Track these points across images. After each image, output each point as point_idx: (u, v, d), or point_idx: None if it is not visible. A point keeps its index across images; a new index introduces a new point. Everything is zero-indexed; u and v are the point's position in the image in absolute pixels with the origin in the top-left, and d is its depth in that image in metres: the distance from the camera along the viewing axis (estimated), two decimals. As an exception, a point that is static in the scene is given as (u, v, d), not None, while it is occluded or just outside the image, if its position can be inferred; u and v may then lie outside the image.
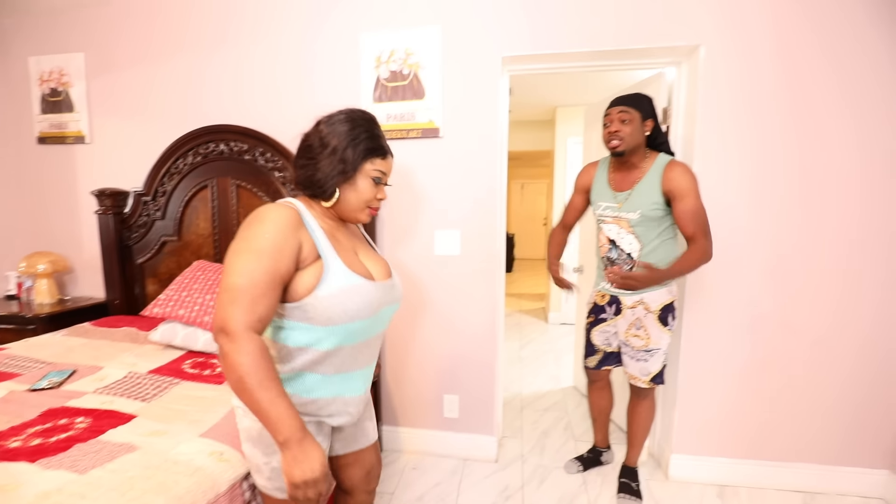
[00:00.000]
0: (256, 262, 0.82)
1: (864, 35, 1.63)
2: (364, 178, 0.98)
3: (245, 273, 0.81)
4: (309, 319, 0.90)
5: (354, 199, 0.99)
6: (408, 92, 1.90)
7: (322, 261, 0.91)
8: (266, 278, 0.82)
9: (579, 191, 1.85)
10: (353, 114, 1.00)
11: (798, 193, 1.74)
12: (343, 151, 0.95)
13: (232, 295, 0.80)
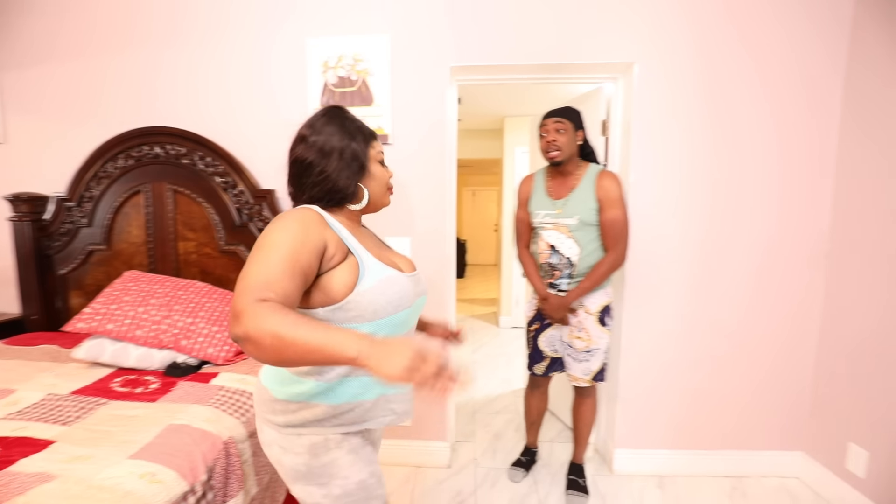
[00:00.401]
0: (273, 253, 0.76)
1: (783, 50, 1.81)
2: (374, 164, 0.97)
3: (259, 264, 0.74)
4: (353, 318, 0.86)
5: (376, 187, 0.98)
6: (356, 98, 1.89)
7: (353, 257, 0.88)
8: (283, 265, 0.75)
9: (522, 204, 1.89)
10: (329, 111, 0.96)
11: (720, 201, 1.90)
12: (349, 149, 0.91)
13: (243, 284, 0.72)
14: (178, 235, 2.01)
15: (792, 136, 1.85)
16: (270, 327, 0.65)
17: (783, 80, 1.83)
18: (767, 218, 1.89)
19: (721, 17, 1.80)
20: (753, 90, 1.83)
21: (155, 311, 1.71)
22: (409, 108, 1.91)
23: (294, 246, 0.77)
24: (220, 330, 1.72)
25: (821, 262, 1.90)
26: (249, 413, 1.38)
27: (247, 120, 1.98)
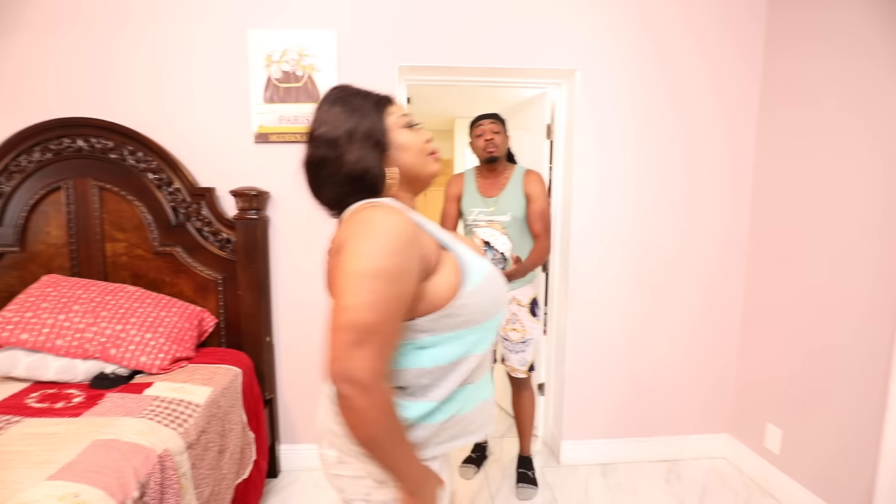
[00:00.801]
0: (389, 294, 0.63)
1: (703, 64, 1.96)
2: (397, 132, 0.80)
3: (374, 307, 0.62)
4: (462, 324, 0.73)
5: (409, 157, 0.80)
6: (302, 94, 1.84)
7: (450, 253, 0.76)
8: (396, 312, 0.65)
9: (452, 200, 1.98)
10: (330, 94, 0.82)
11: (654, 203, 2.02)
12: (359, 128, 0.76)
13: (361, 335, 0.62)
14: (106, 236, 1.86)
15: (711, 146, 2.01)
16: (380, 428, 0.65)
17: (703, 93, 1.98)
18: (696, 219, 2.04)
19: (649, 32, 1.92)
20: (678, 98, 1.97)
21: (78, 318, 1.57)
22: (358, 107, 1.89)
23: (402, 277, 0.65)
24: (155, 337, 1.62)
25: (742, 260, 2.08)
26: (189, 423, 1.30)
27: (184, 114, 1.87)
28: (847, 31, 1.58)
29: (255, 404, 1.77)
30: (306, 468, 2.05)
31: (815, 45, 1.71)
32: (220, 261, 1.88)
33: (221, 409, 1.49)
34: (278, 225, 1.94)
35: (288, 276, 1.96)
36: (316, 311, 1.97)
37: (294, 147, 1.89)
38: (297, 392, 2.03)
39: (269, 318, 1.96)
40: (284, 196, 1.92)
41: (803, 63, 1.76)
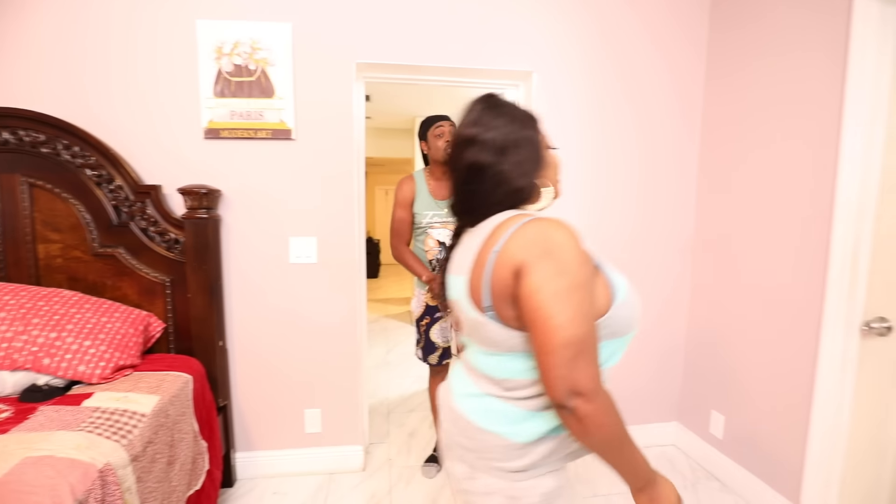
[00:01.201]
0: (587, 302, 0.66)
1: (653, 70, 2.05)
2: (545, 150, 0.82)
3: (581, 318, 0.65)
4: (607, 335, 0.74)
5: (553, 174, 0.85)
6: (255, 89, 1.77)
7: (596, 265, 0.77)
8: (594, 317, 0.68)
9: (405, 206, 1.93)
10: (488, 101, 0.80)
11: (608, 201, 2.10)
12: (530, 138, 0.78)
13: (577, 348, 0.64)
14: (38, 236, 1.72)
15: (667, 143, 2.11)
16: (610, 430, 0.67)
17: (659, 91, 2.07)
18: (652, 215, 2.13)
19: (605, 33, 1.99)
20: (634, 98, 2.05)
21: (5, 326, 1.45)
22: (314, 103, 1.84)
23: (591, 287, 0.69)
24: (95, 344, 1.51)
25: (688, 255, 2.19)
26: (133, 434, 1.23)
27: (127, 107, 1.76)
28: (789, 60, 1.70)
29: (207, 412, 1.70)
30: (264, 475, 1.99)
31: (754, 51, 1.83)
32: (167, 262, 1.78)
33: (170, 419, 1.42)
34: (231, 224, 1.86)
35: (242, 277, 1.89)
36: (272, 313, 1.92)
37: (247, 143, 1.82)
38: (254, 397, 1.96)
39: (222, 322, 1.88)
40: (237, 194, 1.85)
41: (742, 71, 1.88)
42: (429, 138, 1.90)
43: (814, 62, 1.56)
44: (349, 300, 1.97)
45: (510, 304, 0.71)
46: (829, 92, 1.50)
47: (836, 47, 1.48)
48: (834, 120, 1.48)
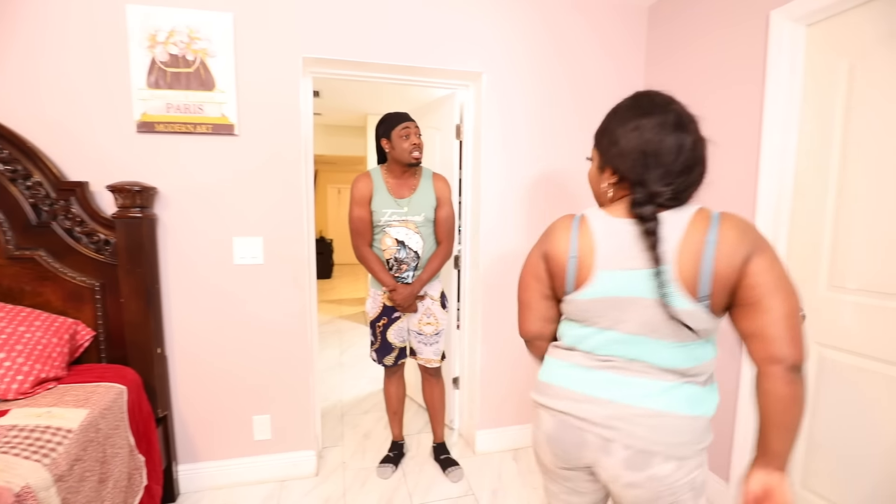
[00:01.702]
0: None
1: (596, 61, 2.13)
2: None
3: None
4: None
5: None
6: (193, 81, 1.68)
7: None
8: None
9: (363, 203, 1.86)
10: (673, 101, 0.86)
11: (557, 199, 2.17)
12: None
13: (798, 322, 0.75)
14: (-61, 239, 1.54)
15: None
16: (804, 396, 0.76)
17: (607, 92, 2.16)
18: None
19: (554, 35, 2.05)
20: (582, 99, 2.13)
21: None
22: (259, 98, 1.77)
23: None
24: (10, 356, 1.38)
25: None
26: (57, 453, 1.13)
27: (49, 97, 1.61)
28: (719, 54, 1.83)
29: (144, 424, 1.59)
30: (210, 487, 1.90)
31: (688, 45, 1.95)
32: (96, 265, 1.66)
33: (101, 433, 1.32)
34: (169, 224, 1.76)
35: (182, 280, 1.79)
36: (216, 317, 1.83)
37: (186, 139, 1.72)
38: (198, 406, 1.86)
39: (161, 328, 1.77)
40: (176, 192, 1.74)
41: (679, 63, 2.00)
42: (393, 138, 1.82)
43: (738, 75, 1.69)
44: (299, 301, 1.92)
45: (729, 291, 0.78)
46: (752, 102, 1.63)
47: (756, 62, 1.61)
48: (755, 125, 1.61)
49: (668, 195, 0.80)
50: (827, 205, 1.46)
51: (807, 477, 1.54)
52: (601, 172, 0.92)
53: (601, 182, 0.92)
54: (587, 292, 0.86)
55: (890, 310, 1.29)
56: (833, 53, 1.43)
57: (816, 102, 1.48)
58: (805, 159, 1.52)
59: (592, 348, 0.89)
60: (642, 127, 0.82)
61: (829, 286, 1.46)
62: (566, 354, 0.95)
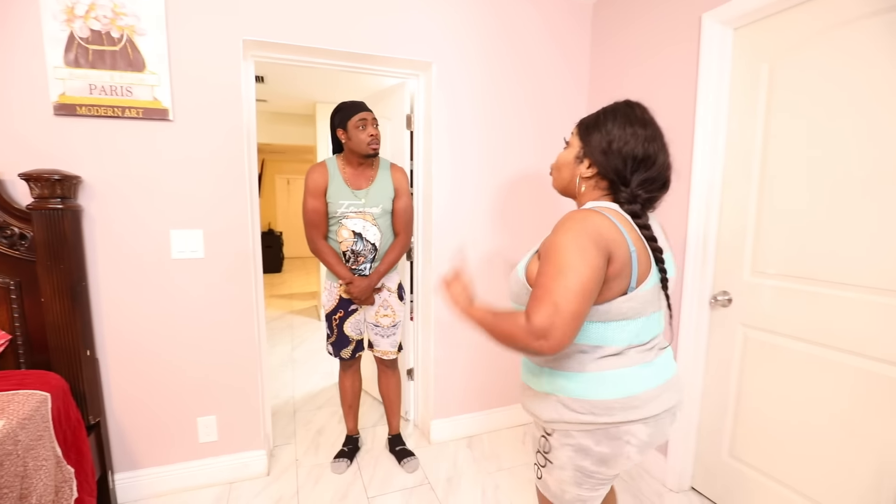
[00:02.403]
0: None
1: (545, 55, 2.17)
2: None
3: None
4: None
5: None
6: (120, 61, 1.55)
7: None
8: None
9: (318, 195, 1.80)
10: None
11: (504, 190, 2.21)
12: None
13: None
14: None
15: (559, 132, 2.27)
16: None
17: (557, 82, 2.21)
18: (546, 201, 2.28)
19: (500, 23, 2.07)
20: (531, 88, 2.17)
21: None
22: (196, 81, 1.67)
23: None
24: None
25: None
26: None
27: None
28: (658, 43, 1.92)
29: (73, 432, 1.47)
30: (151, 495, 1.79)
31: (628, 32, 2.03)
32: (11, 262, 1.50)
33: (21, 445, 1.21)
34: (97, 216, 1.62)
35: (114, 276, 1.66)
36: (154, 315, 1.72)
37: (114, 123, 1.59)
38: (135, 410, 1.75)
39: (90, 329, 1.64)
40: (103, 182, 1.61)
41: (622, 58, 2.08)
42: (349, 128, 1.76)
43: (674, 65, 1.78)
44: (244, 297, 1.84)
45: None
46: (687, 101, 1.73)
47: (691, 57, 1.70)
48: (688, 120, 1.71)
49: (643, 199, 0.91)
50: (750, 197, 1.58)
51: (734, 447, 1.68)
52: (578, 162, 0.96)
53: (575, 171, 0.97)
54: (648, 283, 0.90)
55: (804, 293, 1.43)
56: (756, 56, 1.54)
57: (741, 101, 1.59)
58: (732, 155, 1.63)
59: (642, 339, 0.93)
60: (638, 136, 0.89)
61: (753, 272, 1.58)
62: (628, 358, 0.92)
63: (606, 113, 0.95)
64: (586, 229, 0.83)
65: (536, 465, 1.04)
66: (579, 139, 0.97)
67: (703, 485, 1.81)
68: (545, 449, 0.99)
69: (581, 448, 0.93)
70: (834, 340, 1.36)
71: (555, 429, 0.96)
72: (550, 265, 0.81)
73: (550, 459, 0.98)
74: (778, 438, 1.53)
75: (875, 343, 1.26)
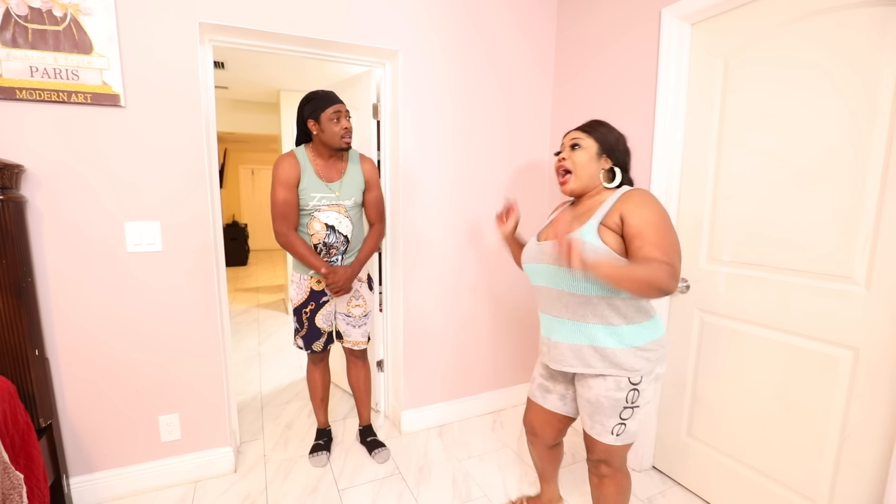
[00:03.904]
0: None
1: (512, 44, 2.18)
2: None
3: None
4: None
5: None
6: (64, 42, 1.45)
7: None
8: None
9: (289, 186, 1.74)
10: None
11: (472, 181, 2.22)
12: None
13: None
14: None
15: (530, 122, 2.29)
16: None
17: (524, 71, 2.22)
18: (511, 192, 2.30)
19: (466, 17, 2.06)
20: (498, 78, 2.18)
21: None
22: (150, 66, 1.58)
23: None
24: None
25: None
26: None
27: None
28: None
29: (21, 436, 1.40)
30: (111, 498, 1.73)
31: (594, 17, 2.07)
32: (-55, 257, 1.40)
33: (-37, 451, 1.14)
34: (43, 208, 1.53)
35: (64, 271, 1.57)
36: (109, 312, 1.64)
37: (59, 109, 1.49)
38: (91, 411, 1.67)
39: (38, 327, 1.55)
40: (50, 171, 1.51)
41: (585, 48, 2.11)
42: (323, 121, 1.70)
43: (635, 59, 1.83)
44: (206, 290, 1.78)
45: None
46: (647, 95, 1.78)
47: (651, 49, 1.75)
48: (649, 112, 1.77)
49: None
50: (706, 188, 1.65)
51: (691, 427, 1.76)
52: (599, 158, 1.21)
53: (598, 166, 1.21)
54: None
55: (755, 279, 1.51)
56: (711, 52, 1.59)
57: (699, 95, 1.65)
58: (691, 146, 1.70)
59: None
60: (624, 136, 1.25)
61: (709, 259, 1.66)
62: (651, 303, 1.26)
63: (597, 123, 1.23)
64: (659, 201, 1.12)
65: (620, 424, 1.19)
66: (596, 142, 1.20)
67: (663, 463, 1.90)
68: (633, 400, 1.17)
69: (659, 377, 1.21)
70: (780, 323, 1.44)
71: (642, 376, 1.16)
72: (660, 229, 1.06)
73: (639, 404, 1.18)
74: (731, 417, 1.62)
75: (815, 323, 1.35)
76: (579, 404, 1.27)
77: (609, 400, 1.17)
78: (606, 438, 1.21)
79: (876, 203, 1.21)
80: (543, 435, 1.43)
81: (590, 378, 1.20)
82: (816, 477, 1.38)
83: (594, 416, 1.21)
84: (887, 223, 1.20)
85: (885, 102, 1.19)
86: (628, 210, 1.09)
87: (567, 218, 1.24)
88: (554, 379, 1.36)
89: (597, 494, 1.33)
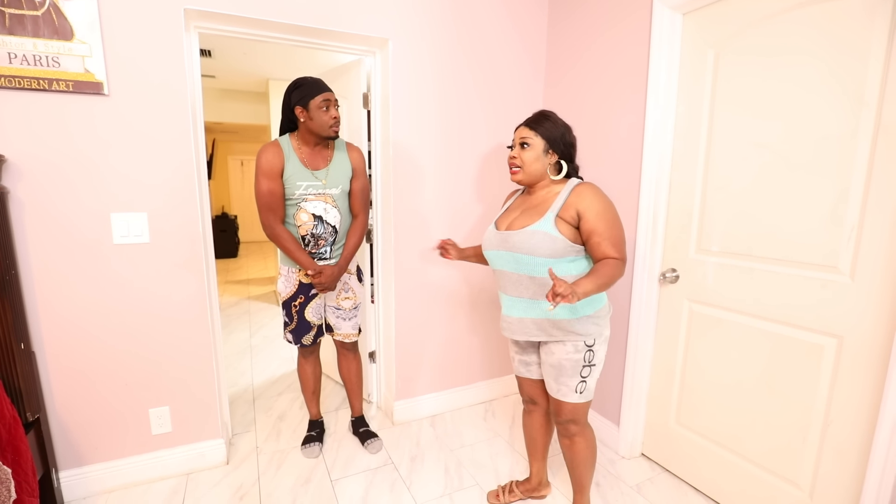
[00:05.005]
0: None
1: (502, 34, 2.17)
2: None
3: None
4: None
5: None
6: (43, 27, 1.41)
7: None
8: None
9: (274, 176, 1.70)
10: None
11: (464, 170, 2.21)
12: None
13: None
14: None
15: (518, 111, 2.28)
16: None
17: (513, 60, 2.21)
18: (502, 182, 2.30)
19: (456, 6, 2.04)
20: (488, 67, 2.16)
21: None
22: (133, 53, 1.55)
23: None
24: None
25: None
26: None
27: None
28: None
29: (9, 431, 1.38)
30: (101, 491, 1.72)
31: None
32: (-76, 250, 1.37)
33: (-52, 447, 1.12)
34: (25, 199, 1.49)
35: (49, 264, 1.54)
36: (96, 305, 1.62)
37: (40, 97, 1.45)
38: (80, 404, 1.66)
39: (23, 320, 1.53)
40: (32, 161, 1.48)
41: (576, 40, 2.10)
42: (311, 108, 1.66)
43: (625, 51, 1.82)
44: (196, 282, 1.76)
45: None
46: (639, 84, 1.77)
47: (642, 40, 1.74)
48: (640, 102, 1.76)
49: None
50: (696, 178, 1.65)
51: (679, 415, 1.79)
52: (545, 154, 1.35)
53: (546, 161, 1.35)
54: None
55: (743, 269, 1.52)
56: (703, 42, 1.59)
57: (690, 85, 1.65)
58: (681, 137, 1.70)
59: None
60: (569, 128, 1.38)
61: (698, 249, 1.67)
62: None
63: (543, 118, 1.35)
64: (608, 196, 1.31)
65: (581, 382, 1.36)
66: (542, 139, 1.33)
67: (652, 451, 1.93)
68: (590, 360, 1.35)
69: (607, 339, 1.39)
70: (766, 312, 1.46)
71: (595, 338, 1.34)
72: (607, 220, 1.26)
73: (594, 363, 1.37)
74: (718, 405, 1.65)
75: (801, 312, 1.38)
76: (544, 371, 1.43)
77: (570, 361, 1.35)
78: (572, 398, 1.38)
79: (861, 193, 1.23)
80: (542, 401, 1.58)
81: (552, 344, 1.38)
82: (800, 462, 1.41)
83: (559, 378, 1.38)
84: (872, 214, 1.21)
85: (870, 94, 1.20)
86: (584, 207, 1.27)
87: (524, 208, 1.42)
88: (526, 352, 1.51)
89: (570, 454, 1.48)
